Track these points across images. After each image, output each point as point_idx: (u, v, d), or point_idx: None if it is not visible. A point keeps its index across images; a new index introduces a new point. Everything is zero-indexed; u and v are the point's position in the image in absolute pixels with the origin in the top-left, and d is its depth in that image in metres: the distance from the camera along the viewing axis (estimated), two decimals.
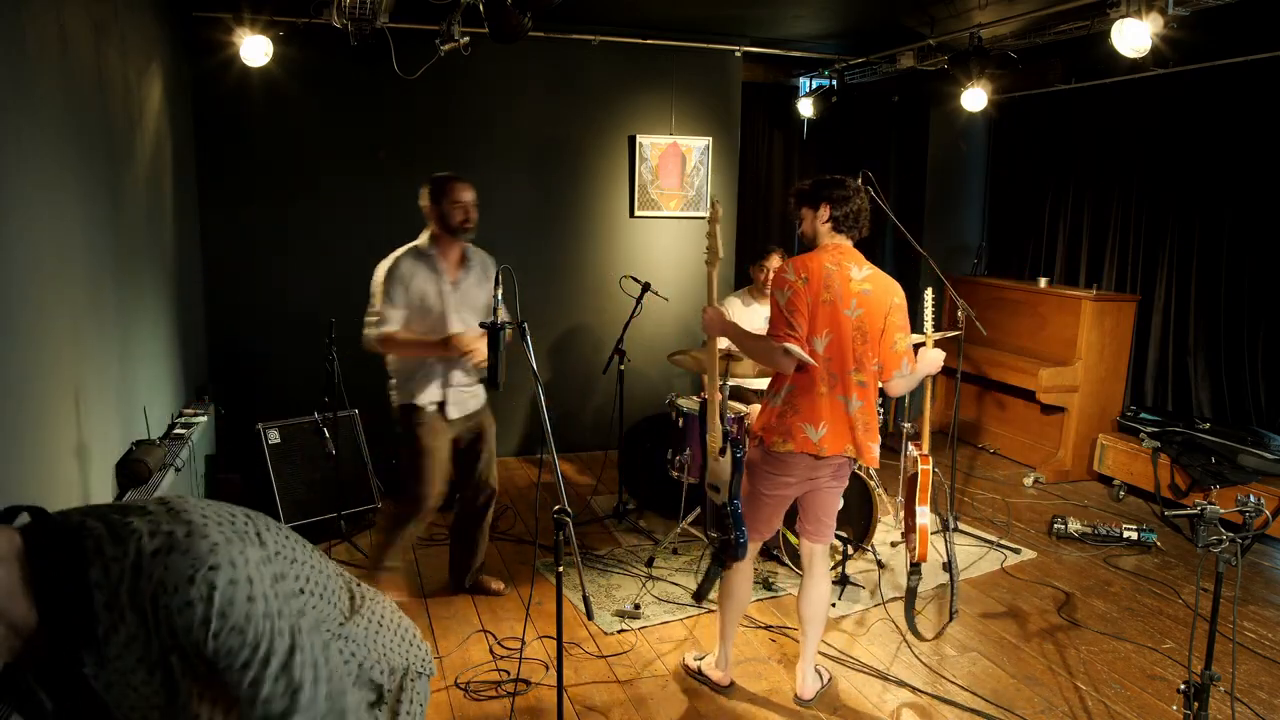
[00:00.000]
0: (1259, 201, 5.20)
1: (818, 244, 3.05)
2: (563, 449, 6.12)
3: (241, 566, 1.22)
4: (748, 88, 6.51)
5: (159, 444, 3.61)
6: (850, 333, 2.94)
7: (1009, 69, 5.90)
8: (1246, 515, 2.47)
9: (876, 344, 2.97)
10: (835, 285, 2.93)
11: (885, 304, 2.97)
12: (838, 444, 2.98)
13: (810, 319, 2.92)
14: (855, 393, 2.97)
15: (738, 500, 3.11)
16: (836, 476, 3.11)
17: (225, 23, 4.78)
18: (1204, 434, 5.00)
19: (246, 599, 1.21)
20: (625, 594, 4.03)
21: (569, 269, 6.16)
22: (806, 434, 2.95)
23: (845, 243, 3.04)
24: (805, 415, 2.96)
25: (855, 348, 2.95)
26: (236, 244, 5.41)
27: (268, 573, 1.26)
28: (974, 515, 5.13)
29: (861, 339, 2.95)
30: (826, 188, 3.03)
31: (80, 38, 3.02)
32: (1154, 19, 4.01)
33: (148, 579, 1.17)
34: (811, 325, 2.93)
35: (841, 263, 2.98)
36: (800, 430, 2.96)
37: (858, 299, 2.94)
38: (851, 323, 2.94)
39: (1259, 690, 3.35)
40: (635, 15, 5.67)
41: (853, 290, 2.94)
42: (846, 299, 2.93)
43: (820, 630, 3.25)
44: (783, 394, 3.01)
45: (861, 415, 3.00)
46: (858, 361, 2.96)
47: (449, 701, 3.20)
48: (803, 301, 2.92)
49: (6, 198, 2.30)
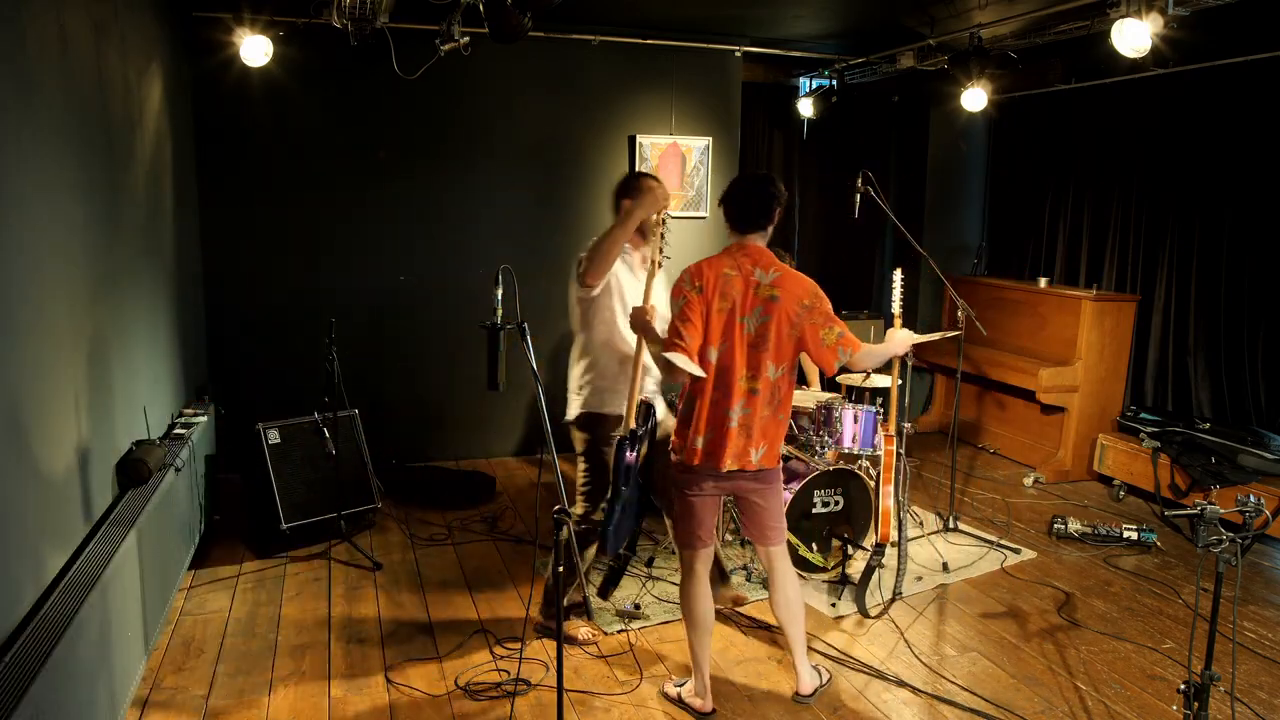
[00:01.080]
0: (1259, 201, 5.20)
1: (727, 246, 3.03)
2: (563, 449, 6.10)
3: None
4: (748, 88, 6.51)
5: (159, 444, 3.61)
6: (746, 340, 2.88)
7: (1009, 69, 5.90)
8: (1246, 515, 2.47)
9: (780, 351, 2.89)
10: (733, 292, 2.87)
11: (795, 310, 2.87)
12: (716, 455, 2.92)
13: (705, 328, 2.87)
14: (742, 400, 2.90)
15: (618, 494, 3.12)
16: (759, 480, 3.03)
17: (225, 23, 4.78)
18: (1204, 434, 5.00)
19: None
20: (625, 594, 4.03)
21: (569, 269, 6.15)
22: (695, 444, 2.95)
23: (753, 242, 2.96)
24: (694, 426, 2.95)
25: (751, 356, 2.89)
26: (236, 244, 5.41)
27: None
28: (974, 515, 5.13)
29: (761, 346, 2.88)
30: (725, 192, 3.00)
31: (80, 38, 3.02)
32: (1154, 19, 4.01)
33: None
34: (707, 335, 2.88)
35: (744, 266, 2.90)
36: (692, 441, 2.96)
37: (764, 306, 2.87)
38: (749, 330, 2.88)
39: (1259, 690, 3.35)
40: (635, 15, 5.67)
41: (759, 296, 2.87)
42: (747, 306, 2.88)
43: (803, 626, 3.23)
44: (683, 404, 3.02)
45: (746, 422, 2.92)
46: (753, 369, 2.89)
47: (449, 702, 3.20)
48: (696, 312, 2.87)
49: (6, 198, 2.30)
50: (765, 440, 2.96)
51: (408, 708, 3.16)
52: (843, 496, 4.26)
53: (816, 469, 4.20)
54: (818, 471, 4.18)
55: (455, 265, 5.81)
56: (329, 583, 4.15)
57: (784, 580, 3.17)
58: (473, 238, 5.85)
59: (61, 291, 2.76)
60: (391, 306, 5.76)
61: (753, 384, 2.90)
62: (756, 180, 2.98)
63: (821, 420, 4.56)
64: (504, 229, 5.90)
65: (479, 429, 6.10)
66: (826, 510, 4.23)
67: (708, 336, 2.88)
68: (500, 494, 5.38)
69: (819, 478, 4.19)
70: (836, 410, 4.56)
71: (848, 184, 4.90)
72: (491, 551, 4.58)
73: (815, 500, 4.21)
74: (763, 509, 3.09)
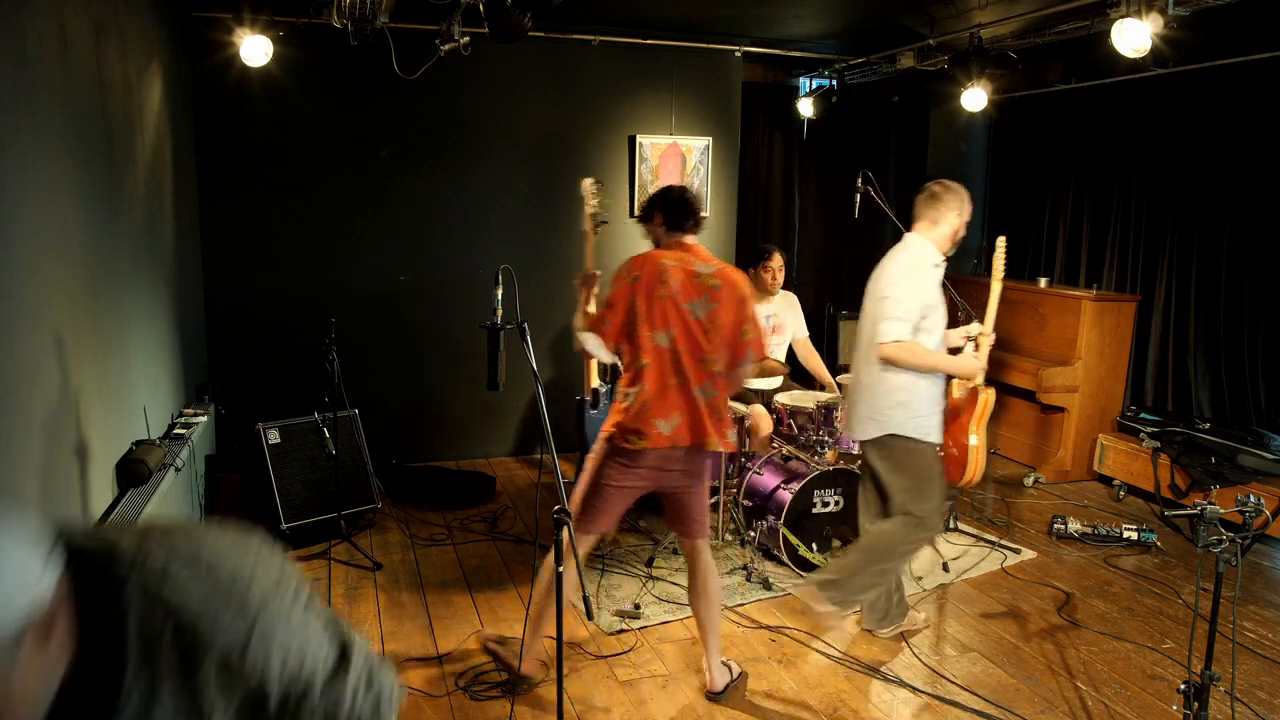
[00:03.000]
0: (1259, 201, 5.20)
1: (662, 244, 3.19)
2: (563, 449, 6.11)
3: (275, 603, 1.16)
4: (748, 88, 6.50)
5: (159, 444, 3.60)
6: (699, 326, 3.02)
7: (1009, 69, 5.91)
8: (1246, 515, 2.46)
9: (728, 336, 3.04)
10: (673, 282, 3.00)
11: (737, 298, 3.05)
12: (692, 435, 3.03)
13: (648, 315, 3.00)
14: (709, 382, 3.04)
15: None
16: (689, 475, 3.11)
17: (225, 23, 4.78)
18: (1204, 434, 5.00)
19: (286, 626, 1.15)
20: (625, 594, 4.03)
21: (569, 269, 6.14)
22: (659, 429, 3.00)
23: (688, 239, 3.15)
24: (656, 411, 3.00)
25: (703, 340, 3.02)
26: (236, 244, 5.41)
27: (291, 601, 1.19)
28: (974, 515, 5.13)
29: (713, 331, 3.02)
30: (652, 201, 3.28)
31: (80, 38, 3.02)
32: (1154, 19, 4.01)
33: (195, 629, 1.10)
34: (650, 322, 3.01)
35: (683, 258, 3.07)
36: (653, 426, 3.00)
37: (709, 294, 3.02)
38: (698, 317, 3.01)
39: (1259, 690, 3.35)
40: (635, 15, 5.67)
41: (701, 285, 3.03)
42: (689, 294, 3.01)
43: (719, 622, 3.27)
44: (634, 393, 3.04)
45: (714, 405, 3.05)
46: (711, 353, 3.03)
47: (449, 701, 3.20)
48: (621, 299, 3.03)
49: (6, 198, 2.30)
50: (729, 424, 3.11)
51: (408, 708, 3.15)
52: (843, 496, 4.26)
53: (816, 469, 4.20)
54: (818, 471, 4.18)
55: (455, 265, 5.81)
56: (329, 583, 4.15)
57: (706, 573, 3.22)
58: (473, 238, 5.85)
59: (61, 291, 2.76)
60: (392, 306, 5.76)
61: (713, 367, 3.04)
62: (684, 190, 3.26)
63: (821, 420, 4.56)
64: (504, 229, 5.90)
65: (479, 429, 6.10)
66: (826, 510, 4.23)
67: (652, 323, 3.00)
68: (500, 494, 5.38)
69: (819, 478, 4.18)
70: (837, 410, 4.56)
71: (848, 184, 4.91)
72: (491, 551, 4.58)
73: (815, 500, 4.21)
74: (694, 500, 3.17)
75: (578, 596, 2.63)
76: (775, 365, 4.45)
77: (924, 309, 3.32)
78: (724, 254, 6.49)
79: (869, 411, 3.44)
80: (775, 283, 5.01)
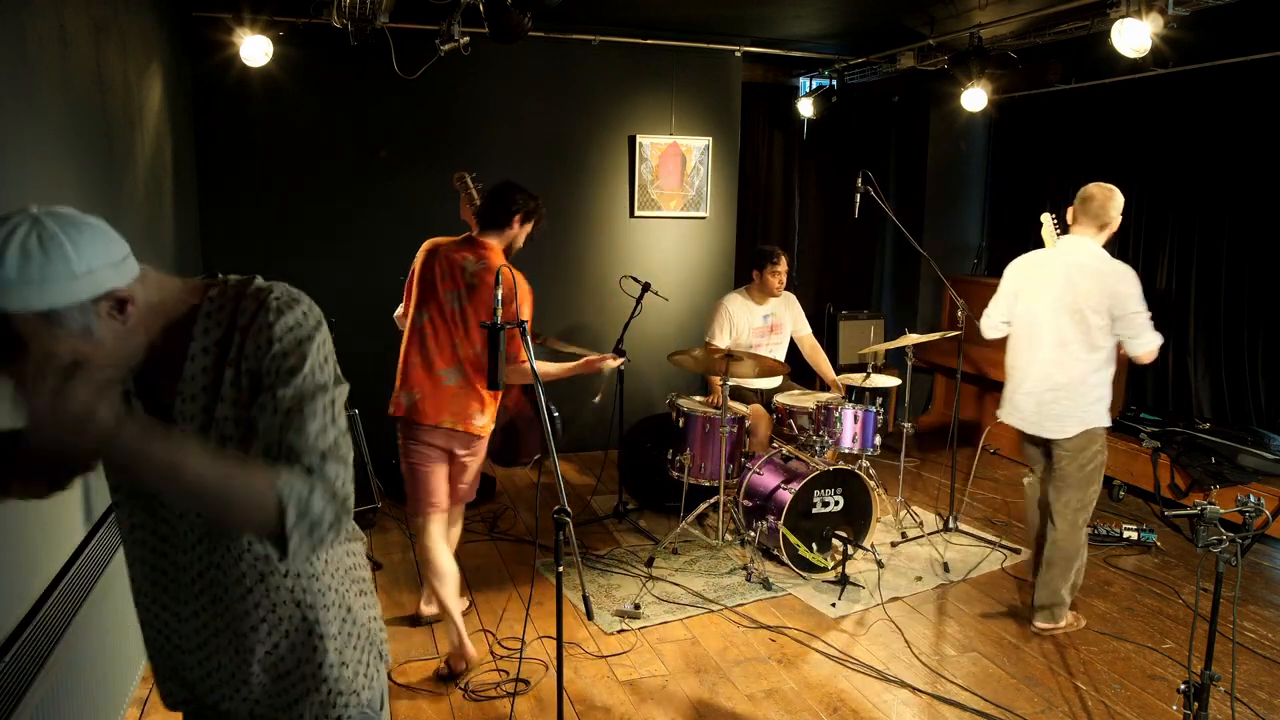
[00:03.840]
0: (1259, 201, 5.20)
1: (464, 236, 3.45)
2: (563, 449, 6.11)
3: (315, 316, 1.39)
4: (748, 88, 6.51)
5: None
6: (451, 315, 3.26)
7: (1009, 69, 5.91)
8: (1246, 515, 2.46)
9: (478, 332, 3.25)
10: (440, 268, 3.29)
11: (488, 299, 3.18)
12: (431, 413, 3.25)
13: (418, 295, 3.32)
14: (455, 368, 3.26)
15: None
16: (466, 446, 3.36)
17: (225, 23, 4.78)
18: (1204, 434, 5.00)
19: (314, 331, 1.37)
20: (625, 594, 4.03)
21: (569, 269, 6.16)
22: (401, 400, 3.29)
23: (484, 237, 3.36)
24: (401, 383, 3.31)
25: (454, 330, 3.26)
26: (236, 244, 5.41)
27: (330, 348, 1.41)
28: (974, 515, 5.13)
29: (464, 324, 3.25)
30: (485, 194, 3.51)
31: (80, 37, 3.02)
32: (1154, 19, 4.01)
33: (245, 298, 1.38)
34: (418, 300, 3.31)
35: (460, 252, 3.31)
36: (398, 395, 3.30)
37: (466, 289, 3.25)
38: (453, 307, 3.26)
39: (1259, 690, 3.35)
40: (635, 15, 5.67)
41: (463, 280, 3.26)
42: (449, 285, 3.27)
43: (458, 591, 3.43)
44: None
45: (461, 389, 3.26)
46: (455, 342, 3.26)
47: (449, 701, 3.20)
48: (411, 278, 3.39)
49: (6, 198, 2.30)
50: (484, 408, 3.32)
51: (408, 708, 3.16)
52: (843, 496, 4.26)
53: (816, 469, 4.20)
54: (818, 471, 4.18)
55: None
56: None
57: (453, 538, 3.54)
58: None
59: None
60: (392, 306, 5.74)
61: (460, 353, 3.26)
62: (505, 189, 3.38)
63: (821, 420, 4.56)
64: None
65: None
66: (826, 510, 4.23)
67: (415, 303, 3.33)
68: (500, 494, 5.38)
69: (819, 478, 4.19)
70: (836, 410, 4.57)
71: (848, 184, 4.91)
72: (491, 551, 4.58)
73: (815, 500, 4.21)
74: (468, 470, 3.44)
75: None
76: (775, 365, 4.45)
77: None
78: (724, 254, 6.50)
79: (1073, 409, 3.57)
80: (781, 286, 5.00)
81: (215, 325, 1.36)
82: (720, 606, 3.94)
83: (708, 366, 4.52)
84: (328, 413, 1.34)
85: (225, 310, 1.37)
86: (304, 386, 1.32)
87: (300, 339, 1.34)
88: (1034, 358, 3.64)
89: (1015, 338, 3.73)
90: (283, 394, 1.31)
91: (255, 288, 1.41)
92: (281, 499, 1.24)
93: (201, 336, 1.36)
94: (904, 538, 4.71)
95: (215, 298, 1.39)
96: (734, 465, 4.58)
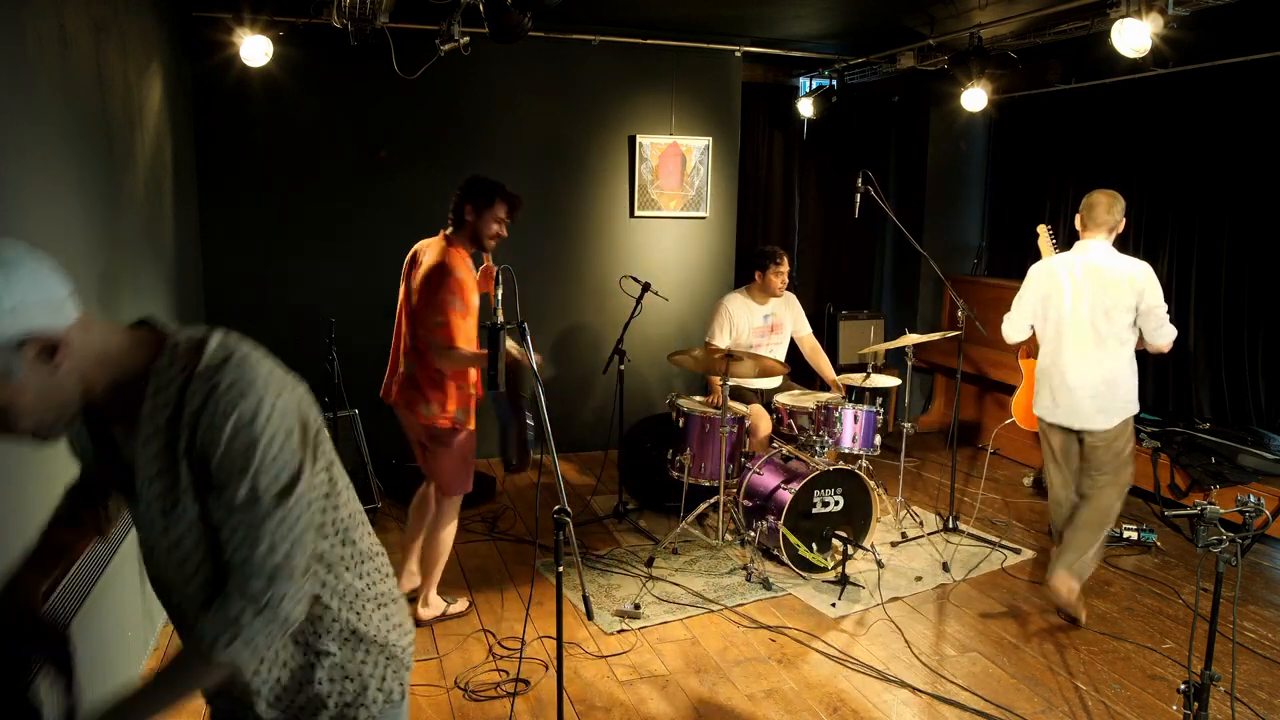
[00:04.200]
0: (1259, 201, 5.20)
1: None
2: (563, 449, 6.11)
3: (270, 401, 1.28)
4: (748, 88, 6.51)
5: None
6: (406, 304, 3.59)
7: (1009, 69, 5.91)
8: (1246, 515, 2.46)
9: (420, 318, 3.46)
10: (409, 265, 3.65)
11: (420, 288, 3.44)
12: (397, 395, 3.58)
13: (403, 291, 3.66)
14: (411, 354, 3.54)
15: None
16: (424, 435, 3.59)
17: (225, 23, 4.78)
18: (1204, 434, 5.00)
19: (265, 425, 1.26)
20: (625, 594, 4.03)
21: (569, 269, 6.16)
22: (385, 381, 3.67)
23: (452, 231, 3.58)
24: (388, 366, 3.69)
25: (408, 318, 3.57)
26: (236, 244, 5.41)
27: (294, 422, 1.31)
28: (974, 515, 5.13)
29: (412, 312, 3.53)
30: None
31: (80, 37, 3.02)
32: (1154, 19, 4.01)
33: (194, 379, 1.27)
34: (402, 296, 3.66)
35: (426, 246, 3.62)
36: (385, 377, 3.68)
37: (414, 279, 3.53)
38: (409, 297, 3.57)
39: (1259, 690, 3.35)
40: (635, 15, 5.67)
41: (415, 270, 3.55)
42: (408, 276, 3.61)
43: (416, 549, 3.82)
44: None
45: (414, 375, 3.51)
46: (407, 330, 3.58)
47: (449, 701, 3.20)
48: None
49: (6, 198, 2.30)
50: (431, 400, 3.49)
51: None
52: (843, 496, 4.26)
53: (816, 469, 4.20)
54: (818, 471, 4.18)
55: None
56: None
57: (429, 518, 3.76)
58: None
59: None
60: (392, 306, 5.73)
61: (413, 342, 3.51)
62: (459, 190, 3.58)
63: (821, 420, 4.56)
64: None
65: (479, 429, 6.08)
66: (826, 510, 4.23)
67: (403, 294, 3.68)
68: (500, 494, 5.38)
69: (819, 478, 4.19)
70: (837, 410, 4.57)
71: (848, 184, 4.91)
72: (491, 551, 4.58)
73: (815, 500, 4.21)
74: (435, 462, 3.62)
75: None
76: (775, 365, 4.45)
77: None
78: (724, 254, 6.50)
79: (1114, 402, 3.78)
80: (783, 286, 5.00)
81: (164, 404, 1.28)
82: (720, 606, 3.94)
83: (708, 366, 4.52)
84: (282, 524, 1.28)
85: (174, 385, 1.28)
86: (255, 491, 1.26)
87: (251, 440, 1.25)
88: (1078, 357, 3.80)
89: (1051, 340, 3.88)
90: (231, 497, 1.26)
91: (205, 366, 1.27)
92: (226, 663, 1.28)
93: (152, 416, 1.28)
94: (904, 538, 4.71)
95: (165, 369, 1.29)
96: (734, 465, 4.58)
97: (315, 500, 1.33)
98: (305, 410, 1.34)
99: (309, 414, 1.35)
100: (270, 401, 1.27)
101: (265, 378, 1.29)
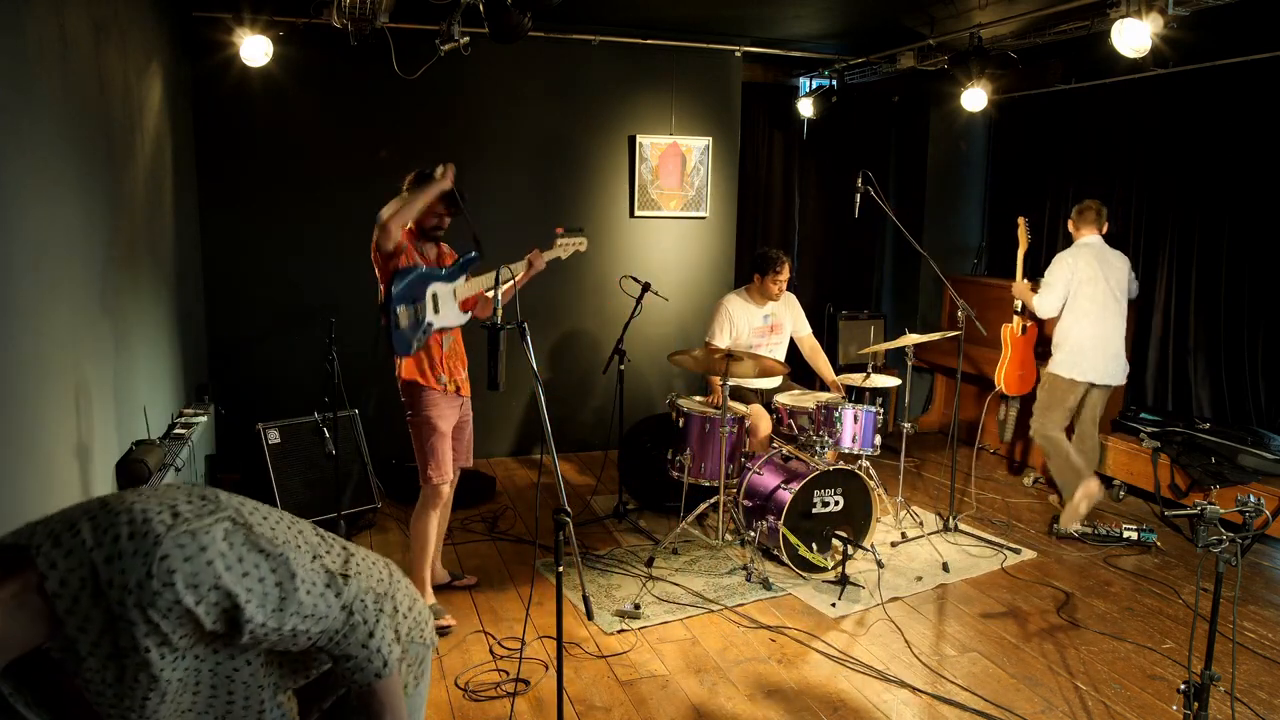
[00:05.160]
0: (1259, 201, 5.20)
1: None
2: (563, 449, 6.12)
3: (189, 543, 1.29)
4: (748, 88, 6.51)
5: (159, 444, 3.61)
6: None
7: (1009, 69, 5.90)
8: (1246, 515, 2.46)
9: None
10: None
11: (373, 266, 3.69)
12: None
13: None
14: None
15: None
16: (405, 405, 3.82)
17: (225, 23, 4.78)
18: (1204, 434, 5.00)
19: (207, 564, 1.30)
20: (625, 594, 4.03)
21: (569, 269, 6.14)
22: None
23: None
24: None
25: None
26: (236, 244, 5.41)
27: (219, 531, 1.34)
28: (974, 515, 5.13)
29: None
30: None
31: (80, 38, 3.02)
32: (1154, 19, 4.01)
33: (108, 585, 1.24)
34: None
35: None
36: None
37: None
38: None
39: (1259, 690, 3.35)
40: (635, 15, 5.67)
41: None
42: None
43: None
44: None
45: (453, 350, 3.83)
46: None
47: (449, 701, 3.20)
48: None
49: (6, 197, 2.30)
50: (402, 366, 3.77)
51: None
52: (843, 496, 4.26)
53: (816, 469, 4.20)
54: (818, 471, 4.18)
55: None
56: None
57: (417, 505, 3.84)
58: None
59: (61, 291, 2.76)
60: None
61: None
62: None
63: (821, 420, 4.56)
64: (504, 229, 5.89)
65: (478, 429, 6.07)
66: (826, 510, 4.23)
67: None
68: (500, 494, 5.38)
69: (819, 478, 4.18)
70: (836, 410, 4.56)
71: (848, 184, 4.91)
72: (491, 551, 4.58)
73: (815, 500, 4.21)
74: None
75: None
76: (775, 365, 4.45)
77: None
78: (724, 254, 6.50)
79: (1123, 360, 4.88)
80: (781, 292, 4.99)
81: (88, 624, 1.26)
82: (720, 606, 3.94)
83: (708, 366, 4.52)
84: (308, 598, 1.44)
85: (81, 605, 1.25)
86: (266, 615, 1.37)
87: (227, 595, 1.34)
88: (1107, 327, 4.75)
89: (1083, 314, 4.74)
90: (256, 626, 1.36)
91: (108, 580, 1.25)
92: (391, 668, 1.54)
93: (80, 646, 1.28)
94: (904, 538, 4.71)
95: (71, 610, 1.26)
96: (734, 465, 4.58)
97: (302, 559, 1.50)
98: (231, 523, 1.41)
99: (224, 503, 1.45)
100: (180, 558, 1.29)
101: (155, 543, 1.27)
